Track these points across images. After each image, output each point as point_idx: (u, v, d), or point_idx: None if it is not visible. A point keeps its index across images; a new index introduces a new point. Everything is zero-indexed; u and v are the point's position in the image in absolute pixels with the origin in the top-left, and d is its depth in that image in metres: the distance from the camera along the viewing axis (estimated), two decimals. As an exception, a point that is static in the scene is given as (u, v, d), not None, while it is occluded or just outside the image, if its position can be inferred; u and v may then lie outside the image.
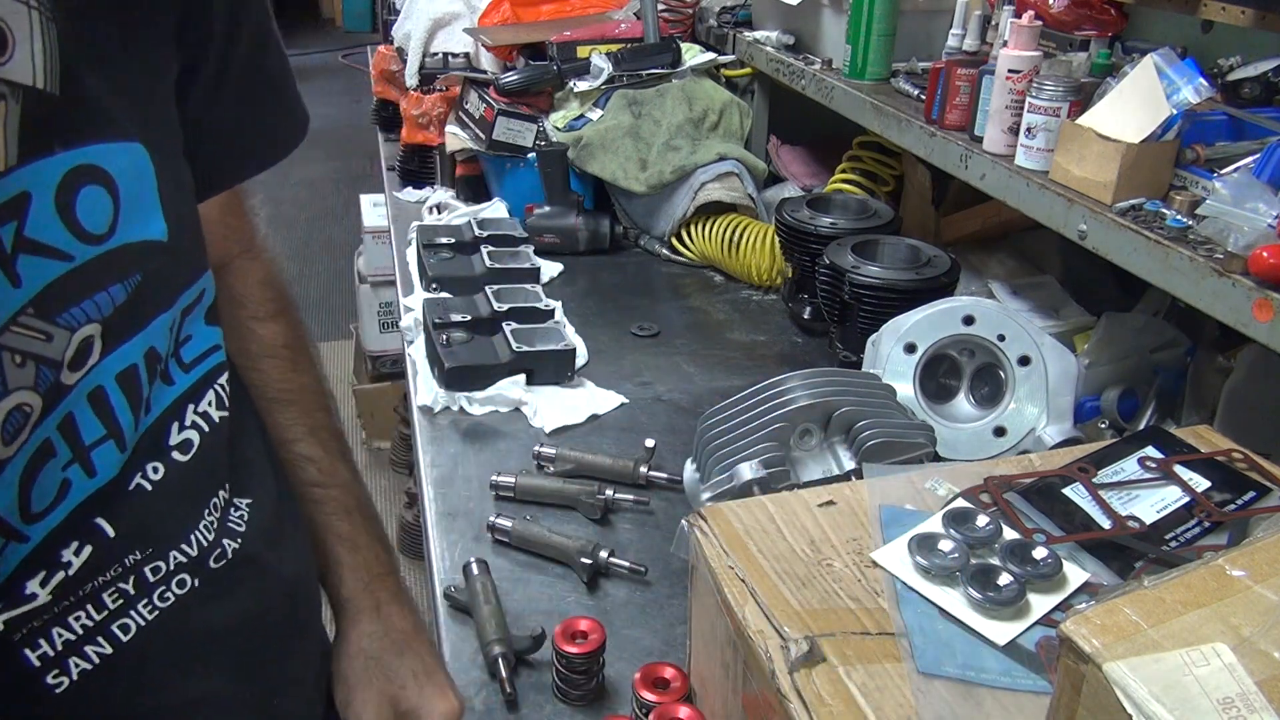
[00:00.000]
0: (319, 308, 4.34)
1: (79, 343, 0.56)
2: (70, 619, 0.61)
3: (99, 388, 0.59)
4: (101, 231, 0.56)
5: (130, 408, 0.61)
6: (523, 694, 0.91)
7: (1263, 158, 1.00)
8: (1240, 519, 0.80)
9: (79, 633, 0.61)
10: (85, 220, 0.55)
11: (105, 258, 0.57)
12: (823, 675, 0.65)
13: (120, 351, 0.60)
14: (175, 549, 0.66)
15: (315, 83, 7.79)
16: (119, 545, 0.62)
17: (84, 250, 0.55)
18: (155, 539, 0.65)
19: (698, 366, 1.52)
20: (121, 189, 0.57)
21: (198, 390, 0.68)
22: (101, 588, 0.62)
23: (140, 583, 0.64)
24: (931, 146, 1.36)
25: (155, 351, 0.63)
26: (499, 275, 1.62)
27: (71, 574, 0.60)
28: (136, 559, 0.64)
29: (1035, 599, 0.72)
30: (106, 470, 0.61)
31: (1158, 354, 1.27)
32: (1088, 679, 0.50)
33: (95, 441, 0.60)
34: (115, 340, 0.59)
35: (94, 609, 0.62)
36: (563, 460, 1.22)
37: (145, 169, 0.59)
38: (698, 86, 1.93)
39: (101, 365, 0.59)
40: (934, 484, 0.85)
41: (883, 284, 1.34)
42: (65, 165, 0.53)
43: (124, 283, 0.58)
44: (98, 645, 0.62)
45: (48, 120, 0.52)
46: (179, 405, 0.67)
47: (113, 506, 0.62)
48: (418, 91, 2.22)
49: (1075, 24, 1.32)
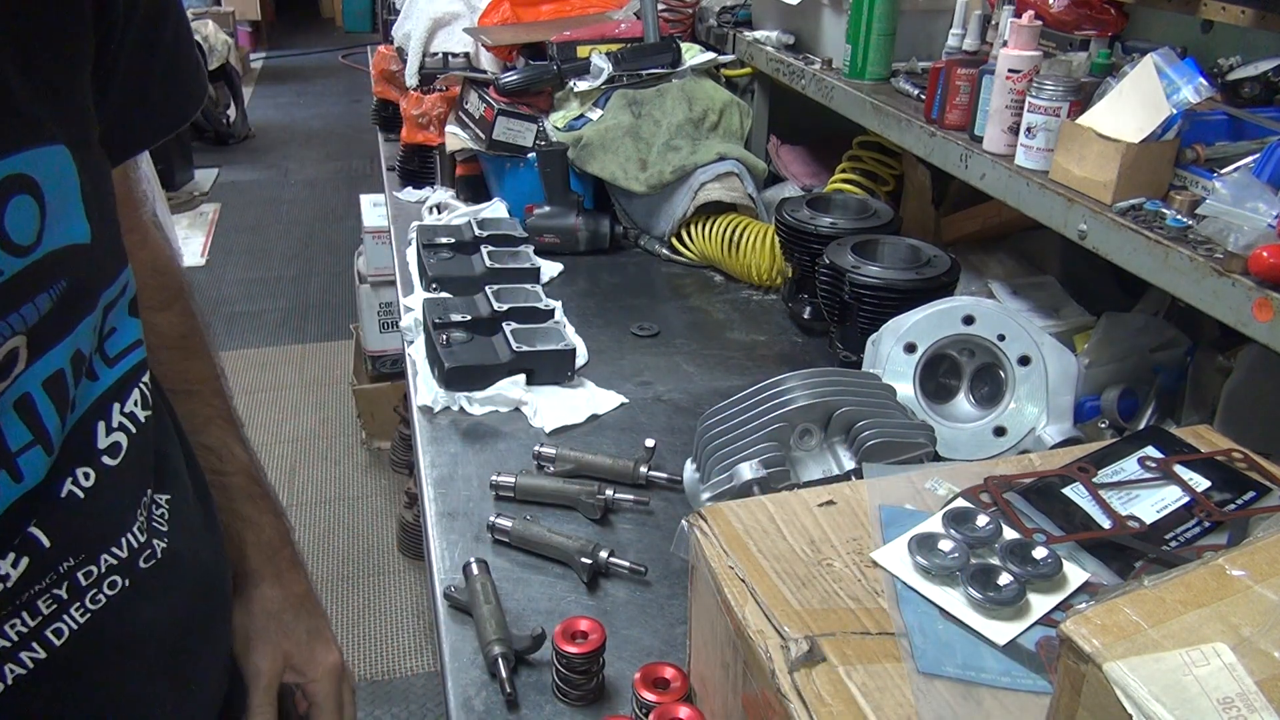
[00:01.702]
0: (319, 308, 4.34)
1: (4, 355, 0.55)
2: (6, 627, 0.61)
3: (25, 395, 0.58)
4: (28, 242, 0.55)
5: (57, 411, 0.61)
6: (523, 694, 0.91)
7: (1263, 158, 1.00)
8: (1240, 519, 0.80)
9: (14, 639, 0.61)
10: (13, 233, 0.53)
11: (32, 269, 0.55)
12: (823, 675, 0.65)
13: (46, 359, 0.59)
14: (106, 552, 0.66)
15: (315, 83, 7.80)
16: (53, 554, 0.62)
17: (11, 264, 0.54)
18: (87, 544, 0.65)
19: (698, 366, 1.52)
20: (47, 196, 0.55)
21: (122, 388, 0.68)
22: (36, 595, 0.62)
23: (73, 588, 0.64)
24: (931, 146, 1.36)
25: (80, 354, 0.62)
26: (499, 275, 1.62)
27: (9, 586, 0.60)
28: (70, 565, 0.64)
29: (1035, 599, 0.72)
30: (33, 475, 0.60)
31: (1158, 354, 1.27)
32: (1088, 679, 0.50)
33: (21, 448, 0.59)
34: (41, 349, 0.58)
35: (28, 616, 0.62)
36: (563, 460, 1.22)
37: (68, 171, 0.57)
38: (698, 86, 1.93)
39: (28, 373, 0.58)
40: (934, 484, 0.85)
41: (883, 284, 1.34)
42: None
43: (49, 291, 0.57)
44: (32, 651, 0.63)
45: None
46: (104, 402, 0.66)
47: (45, 515, 0.61)
48: (418, 91, 2.22)
49: (1075, 24, 1.32)
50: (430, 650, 2.52)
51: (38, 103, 0.54)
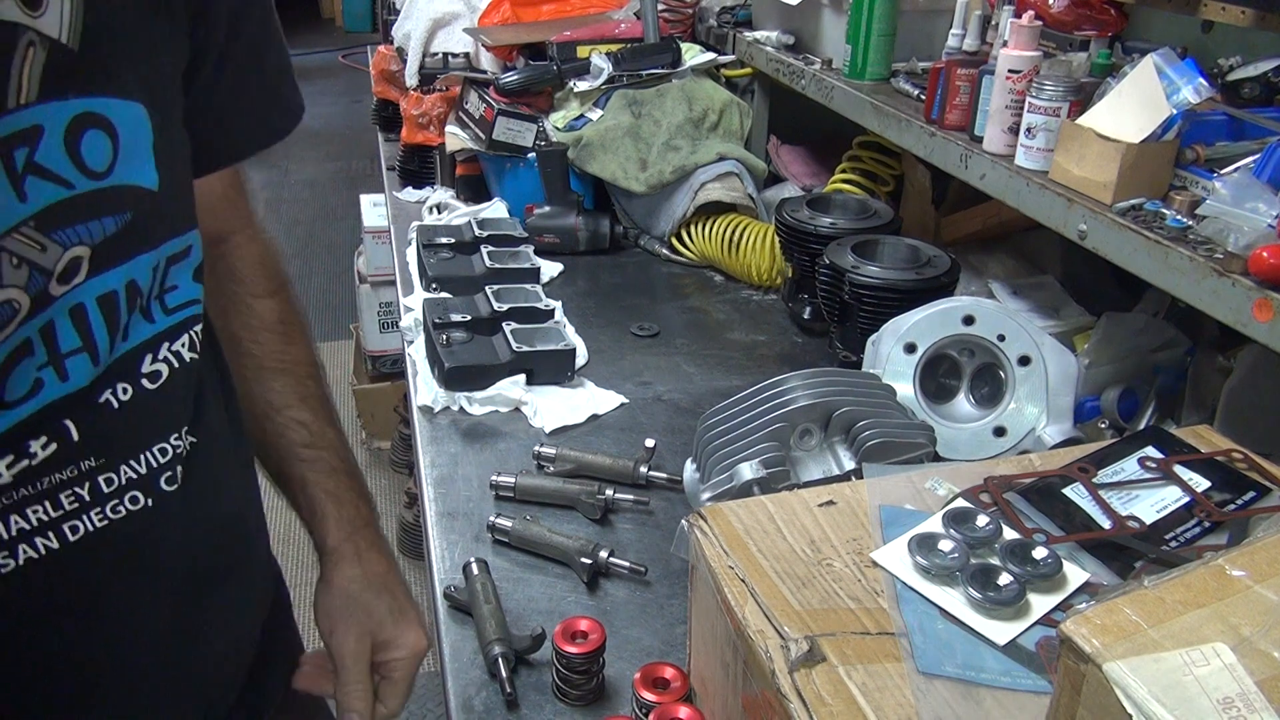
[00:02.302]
0: (319, 308, 4.34)
1: (69, 260, 0.64)
2: (28, 510, 0.68)
3: (80, 305, 0.66)
4: (101, 170, 0.65)
5: (107, 329, 0.69)
6: (523, 694, 0.91)
7: (1263, 158, 1.00)
8: (1240, 519, 0.80)
9: (34, 524, 0.68)
10: (88, 157, 0.64)
11: (102, 192, 0.65)
12: (823, 675, 0.65)
13: (104, 277, 0.67)
14: (128, 463, 0.73)
15: (315, 83, 7.80)
16: (80, 448, 0.69)
17: (84, 182, 0.64)
18: (112, 450, 0.72)
19: (698, 366, 1.52)
20: (122, 138, 0.66)
21: (175, 332, 0.76)
22: (59, 486, 0.69)
23: (95, 490, 0.71)
24: (931, 146, 1.36)
25: (136, 285, 0.70)
26: (499, 275, 1.62)
27: (35, 464, 0.67)
28: (92, 465, 0.71)
29: (1035, 599, 0.72)
30: (78, 378, 0.68)
31: (1158, 354, 1.27)
32: (1088, 679, 0.50)
33: (70, 351, 0.67)
34: (101, 265, 0.67)
35: (50, 505, 0.69)
36: (563, 460, 1.22)
37: (144, 126, 0.68)
38: (698, 86, 1.93)
39: (86, 285, 0.66)
40: (934, 484, 0.85)
41: (883, 284, 1.34)
42: (75, 109, 0.63)
43: (115, 216, 0.67)
44: (47, 539, 0.69)
45: (66, 70, 0.62)
46: (156, 341, 0.74)
47: (80, 413, 0.69)
48: (418, 91, 2.22)
49: (1075, 24, 1.32)
50: (430, 650, 2.52)
51: (122, 65, 0.66)
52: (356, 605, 0.90)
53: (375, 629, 0.91)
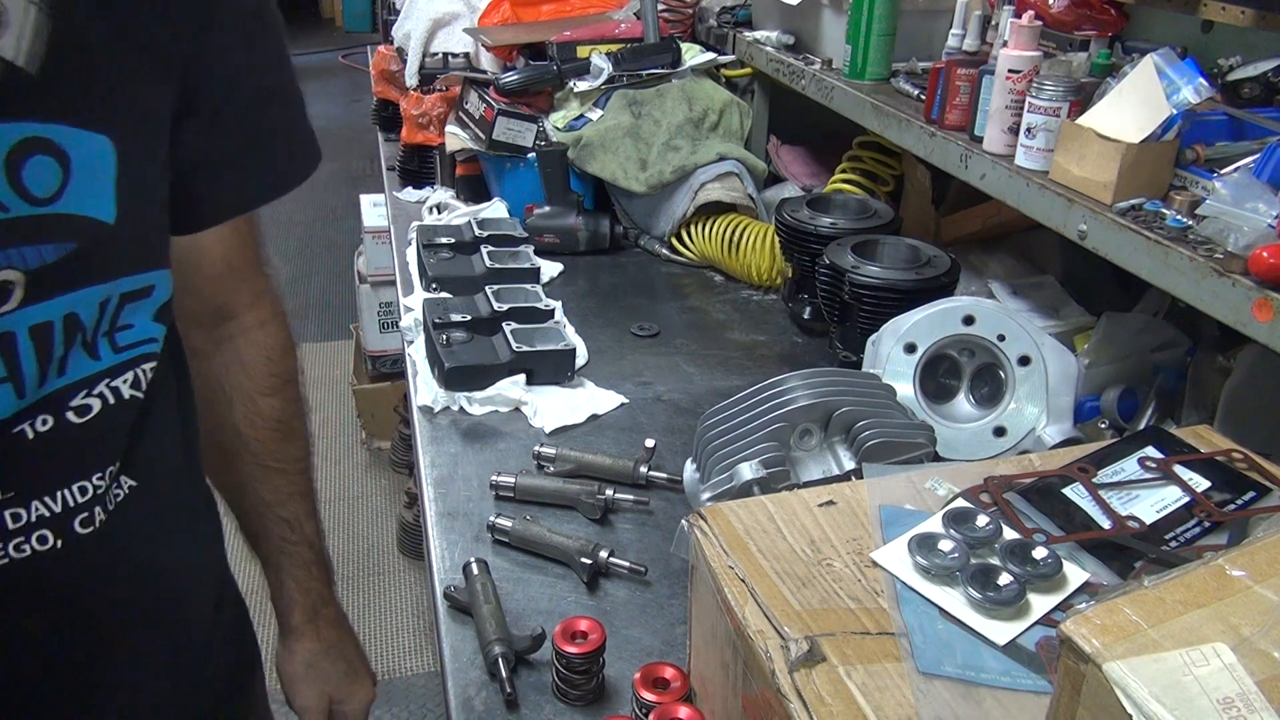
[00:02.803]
0: (319, 308, 4.34)
1: None
2: None
3: (9, 333, 0.64)
4: (44, 196, 0.63)
5: (38, 360, 0.66)
6: (523, 694, 0.91)
7: (1263, 158, 1.00)
8: (1240, 519, 0.80)
9: None
10: (30, 182, 0.62)
11: (41, 218, 0.63)
12: (823, 675, 0.65)
13: (40, 306, 0.65)
14: (39, 500, 0.69)
15: (315, 83, 7.79)
16: None
17: (20, 206, 0.62)
18: (20, 485, 0.68)
19: (698, 366, 1.52)
20: (75, 167, 0.64)
21: (120, 369, 0.73)
22: None
23: None
24: (931, 146, 1.35)
25: (77, 319, 0.67)
26: (499, 275, 1.62)
27: None
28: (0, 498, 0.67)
29: (1035, 599, 0.72)
30: None
31: (1158, 354, 1.27)
32: (1088, 679, 0.50)
33: None
34: (38, 294, 0.64)
35: None
36: (563, 460, 1.22)
37: (106, 158, 0.66)
38: (698, 86, 1.93)
39: (19, 313, 0.64)
40: (934, 484, 0.85)
41: (883, 284, 1.34)
42: (20, 133, 0.61)
43: (56, 245, 0.64)
44: None
45: (16, 93, 0.60)
46: (96, 378, 0.71)
47: None
48: (418, 91, 2.22)
49: (1075, 24, 1.32)
50: (430, 650, 2.52)
51: (87, 96, 0.64)
52: (315, 671, 1.04)
53: (332, 690, 1.06)
